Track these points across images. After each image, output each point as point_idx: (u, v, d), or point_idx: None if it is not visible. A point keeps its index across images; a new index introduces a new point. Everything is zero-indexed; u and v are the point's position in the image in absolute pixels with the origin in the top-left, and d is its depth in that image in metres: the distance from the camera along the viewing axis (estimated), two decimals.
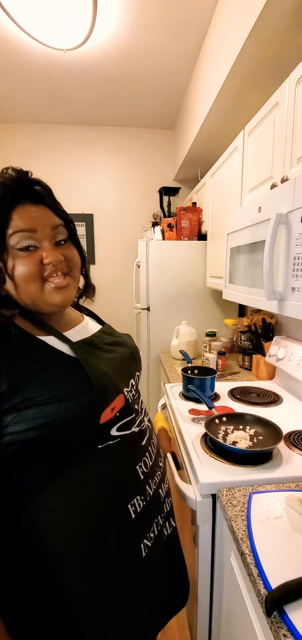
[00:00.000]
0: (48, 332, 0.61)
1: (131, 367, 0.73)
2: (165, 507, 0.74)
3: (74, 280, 0.64)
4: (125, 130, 2.89)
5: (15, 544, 0.55)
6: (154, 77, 2.14)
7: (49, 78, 2.13)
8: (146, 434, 0.71)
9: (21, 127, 2.77)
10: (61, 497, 0.55)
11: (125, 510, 0.61)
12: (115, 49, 1.87)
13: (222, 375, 1.73)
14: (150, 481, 0.67)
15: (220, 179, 1.81)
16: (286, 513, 0.71)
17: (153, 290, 2.21)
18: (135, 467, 0.64)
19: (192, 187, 2.84)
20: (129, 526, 0.61)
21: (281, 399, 1.38)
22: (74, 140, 2.85)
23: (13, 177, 0.58)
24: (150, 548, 0.65)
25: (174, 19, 1.65)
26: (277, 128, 1.12)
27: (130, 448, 0.64)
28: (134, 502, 0.62)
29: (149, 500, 0.66)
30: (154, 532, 0.67)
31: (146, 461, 0.68)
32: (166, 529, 0.73)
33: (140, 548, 0.63)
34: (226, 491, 0.81)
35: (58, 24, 1.59)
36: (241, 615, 0.69)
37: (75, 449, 0.56)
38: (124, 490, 0.62)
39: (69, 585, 0.55)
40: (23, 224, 0.56)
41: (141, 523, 0.63)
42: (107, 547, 0.58)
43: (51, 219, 0.61)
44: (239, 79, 1.50)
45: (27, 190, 0.59)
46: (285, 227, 0.92)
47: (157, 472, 0.72)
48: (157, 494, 0.70)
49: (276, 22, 1.16)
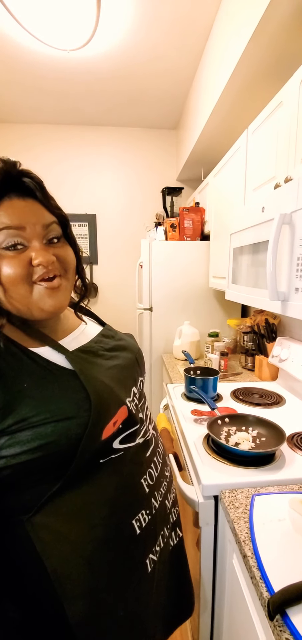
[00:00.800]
0: (42, 342, 0.56)
1: (135, 374, 0.68)
2: (171, 518, 0.71)
3: (67, 282, 0.58)
4: (128, 130, 2.90)
5: (13, 564, 0.53)
6: (157, 77, 2.14)
7: (53, 78, 2.14)
8: (151, 443, 0.67)
9: (26, 127, 2.78)
10: (60, 516, 0.52)
11: (129, 526, 0.57)
12: (119, 49, 1.87)
13: (224, 376, 1.73)
14: (156, 494, 0.64)
15: (223, 179, 1.80)
16: (288, 515, 0.71)
17: (156, 291, 2.21)
18: (140, 480, 0.61)
19: (195, 187, 2.84)
20: (134, 542, 0.58)
21: (284, 400, 1.37)
22: (77, 141, 2.86)
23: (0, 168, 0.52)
24: (155, 562, 0.62)
25: (178, 19, 1.65)
26: (281, 128, 1.11)
27: (134, 461, 0.61)
28: (139, 517, 0.59)
29: (154, 513, 0.62)
30: (159, 545, 0.64)
31: (151, 473, 0.64)
32: (172, 539, 0.71)
33: (146, 563, 0.60)
34: (229, 493, 0.81)
35: (62, 25, 1.60)
36: (243, 619, 0.68)
37: (76, 467, 0.51)
38: (128, 506, 0.58)
39: (70, 606, 0.51)
40: (9, 220, 0.50)
41: (147, 538, 0.60)
42: (110, 566, 0.55)
43: (42, 215, 0.54)
44: (243, 78, 1.49)
45: (15, 182, 0.53)
46: (289, 227, 0.91)
47: (163, 483, 0.68)
48: (163, 506, 0.67)
49: (279, 22, 1.15)
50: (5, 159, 0.54)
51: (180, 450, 1.11)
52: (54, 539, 0.52)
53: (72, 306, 0.72)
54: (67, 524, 0.52)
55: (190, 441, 1.04)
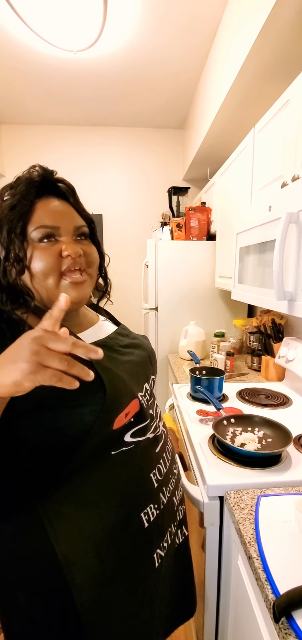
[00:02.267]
0: None
1: (147, 371, 0.71)
2: (178, 515, 0.72)
3: (90, 278, 0.63)
4: (134, 130, 2.90)
5: (25, 548, 0.55)
6: (163, 76, 2.14)
7: (59, 80, 2.15)
8: (161, 440, 0.69)
9: (33, 127, 2.81)
10: (72, 503, 0.55)
11: (138, 518, 0.59)
12: (125, 49, 1.87)
13: (230, 376, 1.72)
14: (164, 489, 0.66)
15: (230, 178, 1.79)
16: (294, 517, 0.70)
17: (161, 291, 2.21)
18: (149, 474, 0.62)
19: (201, 186, 2.83)
20: (142, 535, 0.59)
21: (290, 401, 1.36)
22: (84, 141, 2.87)
23: (39, 173, 0.60)
24: (163, 558, 0.64)
25: (184, 18, 1.64)
26: (288, 126, 1.10)
27: (144, 455, 0.63)
28: (148, 510, 0.61)
29: (162, 508, 0.64)
30: (167, 542, 0.66)
31: (160, 469, 0.66)
32: (178, 537, 0.72)
33: (154, 558, 0.62)
34: (234, 493, 0.80)
35: (69, 26, 1.61)
36: (248, 621, 0.68)
37: (88, 455, 0.54)
38: (138, 499, 0.60)
39: (78, 593, 0.53)
40: (47, 220, 0.56)
41: (155, 532, 0.62)
42: (119, 557, 0.57)
43: (74, 217, 0.61)
44: (249, 77, 1.48)
45: (52, 186, 0.60)
46: (296, 226, 0.90)
47: (171, 479, 0.70)
48: (171, 502, 0.68)
49: (286, 20, 1.14)
50: (45, 167, 0.62)
51: (185, 450, 1.11)
52: (65, 526, 0.54)
53: (90, 305, 0.76)
54: (78, 512, 0.55)
55: (195, 441, 1.04)
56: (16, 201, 0.55)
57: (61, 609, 0.54)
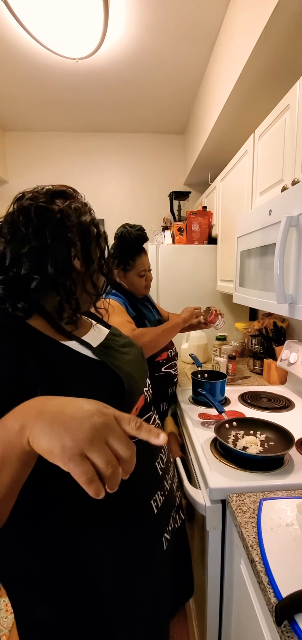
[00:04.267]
0: (69, 338, 0.59)
1: (145, 366, 0.75)
2: (176, 500, 0.76)
3: None
4: (136, 136, 2.92)
5: (49, 557, 0.55)
6: (164, 82, 2.16)
7: (62, 87, 2.18)
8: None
9: (37, 135, 2.84)
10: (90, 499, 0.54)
11: (149, 506, 0.62)
12: (126, 56, 1.90)
13: (232, 379, 1.71)
14: (166, 476, 0.70)
15: (230, 182, 1.80)
16: (297, 520, 0.70)
17: (163, 294, 2.21)
18: (154, 463, 0.66)
19: (202, 191, 2.84)
20: (153, 522, 0.62)
21: (293, 404, 1.35)
22: (86, 147, 2.90)
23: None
24: (169, 541, 0.67)
25: (184, 25, 1.66)
26: (288, 131, 1.11)
27: (150, 445, 0.64)
28: (156, 497, 0.64)
29: (167, 495, 0.68)
30: (171, 525, 0.69)
31: (162, 457, 0.70)
32: (177, 522, 0.75)
33: (162, 542, 0.65)
34: (236, 497, 0.80)
35: (71, 34, 1.63)
36: (251, 624, 0.68)
37: None
38: (147, 487, 0.63)
39: (102, 583, 0.55)
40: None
41: (162, 517, 0.65)
42: (134, 545, 0.59)
43: None
44: (250, 82, 1.49)
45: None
46: (296, 229, 0.91)
47: (170, 467, 0.74)
48: (172, 489, 0.72)
49: (285, 26, 1.16)
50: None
51: (187, 454, 1.11)
52: (84, 518, 0.54)
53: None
54: (95, 507, 0.53)
55: (197, 445, 1.04)
56: None
57: (84, 597, 0.55)
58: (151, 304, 1.54)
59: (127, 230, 1.37)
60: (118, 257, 1.38)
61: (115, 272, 1.40)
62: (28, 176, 2.84)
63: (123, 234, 1.38)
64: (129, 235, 1.36)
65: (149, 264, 1.43)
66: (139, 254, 1.38)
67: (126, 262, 1.37)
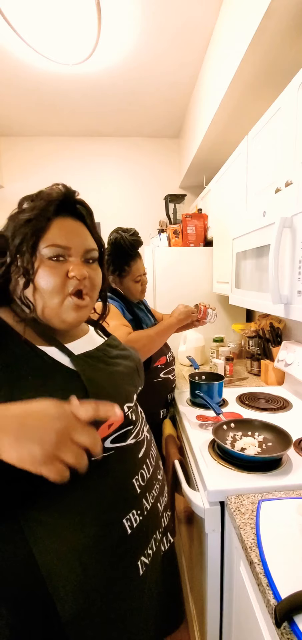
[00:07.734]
0: (49, 343, 0.59)
1: (135, 381, 0.71)
2: (163, 522, 0.72)
3: (91, 301, 0.64)
4: (131, 140, 2.94)
5: (5, 558, 0.53)
6: (158, 87, 2.18)
7: (57, 92, 2.19)
8: (143, 445, 0.69)
9: (32, 140, 2.85)
10: (54, 511, 0.53)
11: (120, 525, 0.58)
12: (120, 61, 1.91)
13: (230, 381, 1.72)
14: (147, 495, 0.65)
15: (225, 185, 1.81)
16: (296, 521, 0.70)
17: (160, 297, 2.21)
18: (131, 480, 0.62)
19: (197, 194, 2.86)
20: (125, 542, 0.58)
21: (290, 405, 1.36)
22: (81, 151, 2.91)
23: (60, 192, 0.61)
24: (148, 565, 0.63)
25: (177, 30, 1.68)
26: (281, 133, 1.12)
27: (125, 461, 0.62)
28: (130, 516, 0.60)
29: (146, 514, 0.63)
30: (152, 549, 0.65)
31: (143, 474, 0.66)
32: (164, 544, 0.71)
33: (138, 565, 0.60)
34: (235, 498, 0.80)
35: (64, 40, 1.64)
36: (251, 626, 0.67)
37: None
38: (119, 505, 0.59)
39: (62, 604, 0.52)
40: (59, 240, 0.57)
41: (138, 539, 0.61)
42: (101, 564, 0.56)
43: (87, 239, 0.62)
44: (242, 86, 1.51)
45: (70, 206, 0.62)
46: (290, 230, 0.92)
47: (155, 485, 0.69)
48: (155, 508, 0.67)
49: (276, 30, 1.17)
50: (67, 186, 0.63)
51: (185, 456, 1.11)
52: (47, 535, 0.53)
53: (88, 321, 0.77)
54: (59, 520, 0.53)
55: (195, 447, 1.03)
56: (33, 216, 0.56)
57: (43, 620, 0.52)
58: (146, 308, 1.54)
59: (122, 236, 1.36)
60: (113, 263, 1.36)
61: (111, 279, 1.39)
62: (23, 181, 2.85)
63: (117, 240, 1.35)
64: (124, 241, 1.35)
65: (144, 268, 1.43)
66: (134, 259, 1.37)
67: (122, 269, 1.35)
